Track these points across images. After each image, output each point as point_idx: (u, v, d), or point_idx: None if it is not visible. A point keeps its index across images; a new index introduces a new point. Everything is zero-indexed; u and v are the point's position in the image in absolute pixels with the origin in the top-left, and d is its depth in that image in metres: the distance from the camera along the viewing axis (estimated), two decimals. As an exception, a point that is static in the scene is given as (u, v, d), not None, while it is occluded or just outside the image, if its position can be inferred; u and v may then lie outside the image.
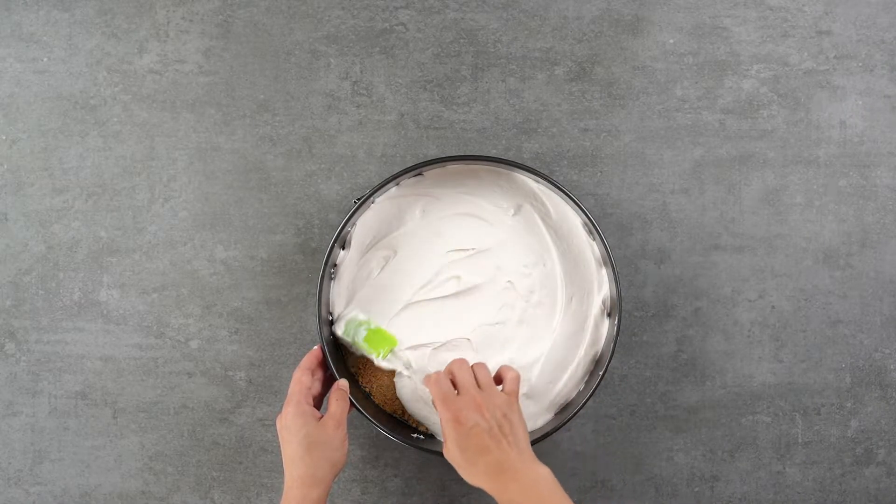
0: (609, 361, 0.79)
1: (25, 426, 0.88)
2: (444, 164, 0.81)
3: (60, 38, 0.88)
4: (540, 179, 0.81)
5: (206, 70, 0.89)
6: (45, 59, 0.88)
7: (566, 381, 0.82)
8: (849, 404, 0.89)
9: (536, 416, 0.82)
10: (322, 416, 0.75)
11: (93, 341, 0.88)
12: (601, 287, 0.83)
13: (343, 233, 0.80)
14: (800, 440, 0.89)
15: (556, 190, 0.81)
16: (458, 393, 0.72)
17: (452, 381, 0.73)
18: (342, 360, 0.83)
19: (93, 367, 0.88)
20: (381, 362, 0.81)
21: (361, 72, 0.89)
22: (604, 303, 0.83)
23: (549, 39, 0.89)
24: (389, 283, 0.83)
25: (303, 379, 0.77)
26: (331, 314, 0.83)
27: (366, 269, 0.83)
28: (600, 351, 0.83)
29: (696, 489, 0.88)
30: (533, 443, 0.78)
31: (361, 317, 0.82)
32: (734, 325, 0.89)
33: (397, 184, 0.82)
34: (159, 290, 0.88)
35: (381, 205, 0.83)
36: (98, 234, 0.88)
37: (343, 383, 0.78)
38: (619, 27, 0.89)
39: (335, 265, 0.83)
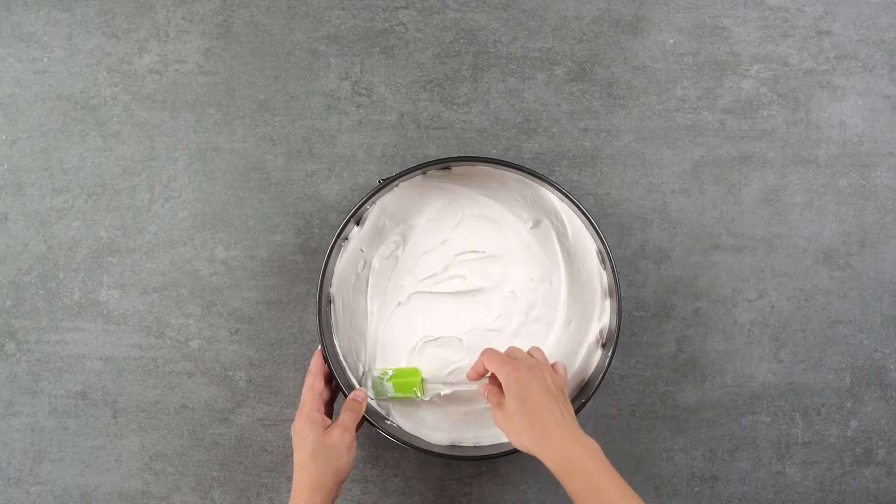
0: (594, 392, 0.79)
1: (25, 426, 0.88)
2: (473, 163, 0.81)
3: (60, 38, 0.88)
4: (565, 199, 0.80)
5: (206, 70, 0.89)
6: (45, 59, 0.88)
7: None
8: (849, 404, 0.89)
9: None
10: (331, 424, 0.75)
11: (93, 341, 0.88)
12: (602, 316, 0.83)
13: (361, 209, 0.80)
14: (800, 440, 0.89)
15: (580, 213, 0.80)
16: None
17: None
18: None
19: (93, 367, 0.88)
20: (424, 399, 0.82)
21: (361, 72, 0.89)
22: (601, 333, 0.83)
23: (549, 39, 0.89)
24: (395, 268, 0.83)
25: (315, 385, 0.77)
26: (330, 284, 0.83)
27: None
28: (587, 380, 0.83)
29: (696, 489, 0.88)
30: (499, 456, 0.79)
31: (376, 372, 0.82)
32: (734, 325, 0.89)
33: (424, 173, 0.82)
34: (159, 290, 0.88)
35: (405, 190, 0.83)
36: (98, 234, 0.88)
37: (360, 394, 0.78)
38: (619, 27, 0.89)
39: (346, 239, 0.83)
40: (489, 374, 0.76)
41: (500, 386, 0.74)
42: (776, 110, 0.89)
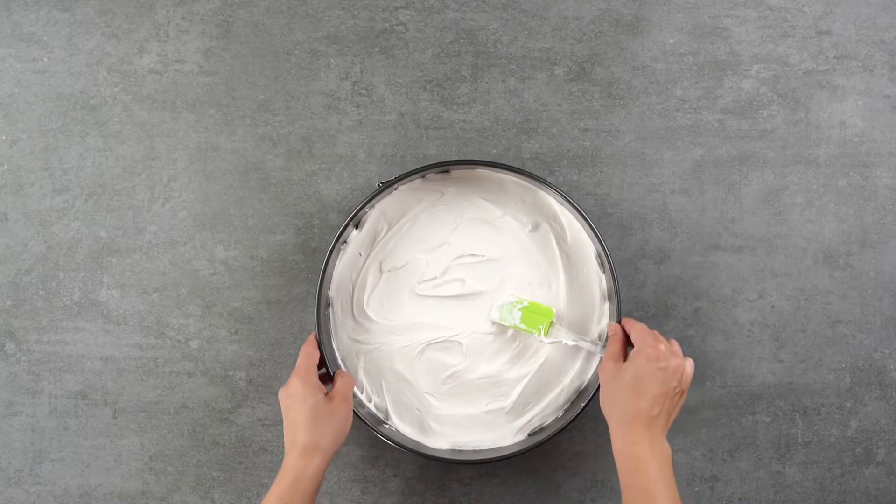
0: (594, 394, 0.79)
1: (25, 426, 0.88)
2: (473, 166, 0.81)
3: (60, 38, 0.88)
4: (564, 202, 0.80)
5: (206, 70, 0.89)
6: (45, 59, 0.88)
7: (546, 405, 0.83)
8: (849, 404, 0.89)
9: (508, 434, 0.82)
10: (328, 392, 0.75)
11: (93, 341, 0.88)
12: (601, 319, 0.83)
13: (360, 213, 0.80)
14: (800, 440, 0.89)
15: (579, 216, 0.80)
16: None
17: None
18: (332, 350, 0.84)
19: (93, 367, 0.88)
20: (545, 339, 0.81)
21: (361, 72, 0.88)
22: (600, 336, 0.83)
23: (549, 39, 0.89)
24: (395, 271, 0.83)
25: (312, 353, 0.77)
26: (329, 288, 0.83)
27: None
28: (586, 382, 0.83)
29: (696, 489, 0.88)
30: (499, 460, 0.79)
31: (513, 298, 0.82)
32: (734, 325, 0.89)
33: (423, 176, 0.82)
34: (159, 290, 0.88)
35: (403, 194, 0.83)
36: (98, 234, 0.88)
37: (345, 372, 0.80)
38: (619, 27, 0.89)
39: (345, 242, 0.83)
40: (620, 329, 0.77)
41: (626, 346, 0.75)
42: (776, 110, 0.89)
